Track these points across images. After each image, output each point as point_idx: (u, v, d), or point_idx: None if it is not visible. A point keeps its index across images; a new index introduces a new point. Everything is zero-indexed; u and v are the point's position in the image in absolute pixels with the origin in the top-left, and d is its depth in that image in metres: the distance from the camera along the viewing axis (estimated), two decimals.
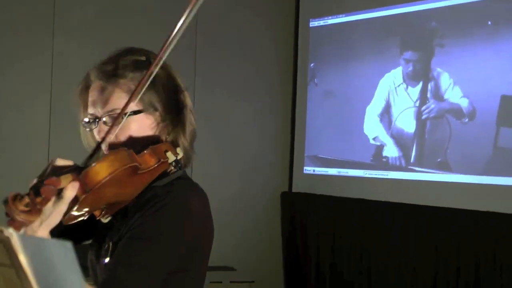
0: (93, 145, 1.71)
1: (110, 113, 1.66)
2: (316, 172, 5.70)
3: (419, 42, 5.02)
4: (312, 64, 5.80)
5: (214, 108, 5.61)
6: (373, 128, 5.29)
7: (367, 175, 5.31)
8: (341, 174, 5.50)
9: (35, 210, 1.38)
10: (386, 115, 5.20)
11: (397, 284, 5.02)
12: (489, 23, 4.60)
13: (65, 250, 1.07)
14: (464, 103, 4.70)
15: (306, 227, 5.75)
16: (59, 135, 5.04)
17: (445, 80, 4.81)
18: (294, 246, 5.86)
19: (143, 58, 1.73)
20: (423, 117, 4.92)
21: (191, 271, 1.69)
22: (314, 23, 5.78)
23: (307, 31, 5.84)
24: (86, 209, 1.56)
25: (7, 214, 1.39)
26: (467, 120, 4.69)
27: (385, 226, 5.13)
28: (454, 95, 4.75)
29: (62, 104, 4.97)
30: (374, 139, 5.27)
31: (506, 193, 4.47)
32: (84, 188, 1.48)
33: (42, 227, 1.42)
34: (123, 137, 1.68)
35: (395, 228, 5.07)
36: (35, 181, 1.47)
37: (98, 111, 1.68)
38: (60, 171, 1.53)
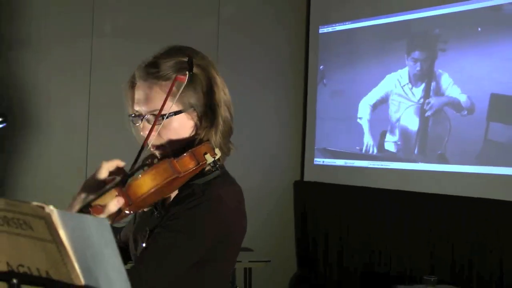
0: (140, 139, 1.66)
1: (152, 113, 1.61)
2: (325, 163, 5.70)
3: (423, 45, 5.01)
4: (321, 67, 5.79)
5: (235, 107, 5.64)
6: (377, 123, 5.29)
7: (371, 166, 5.30)
8: (348, 165, 5.49)
9: None
10: (391, 112, 5.19)
11: (397, 264, 5.03)
12: (479, 29, 4.61)
13: (102, 226, 1.06)
14: (463, 98, 4.68)
15: (316, 212, 5.76)
16: (97, 130, 5.05)
17: (445, 80, 4.80)
18: (306, 229, 5.86)
19: (185, 58, 1.65)
20: (427, 114, 4.90)
21: (217, 263, 1.64)
22: (323, 30, 5.77)
23: (317, 37, 5.82)
24: (127, 213, 1.52)
25: None
26: (466, 112, 4.66)
27: (388, 212, 5.14)
28: (453, 91, 4.74)
29: (99, 101, 5.01)
30: (378, 133, 5.28)
31: (494, 181, 4.48)
32: (128, 201, 1.46)
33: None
34: (165, 136, 1.64)
35: (396, 213, 5.08)
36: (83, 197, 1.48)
37: (142, 110, 1.64)
38: (104, 187, 1.52)
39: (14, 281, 1.09)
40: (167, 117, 1.61)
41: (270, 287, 5.69)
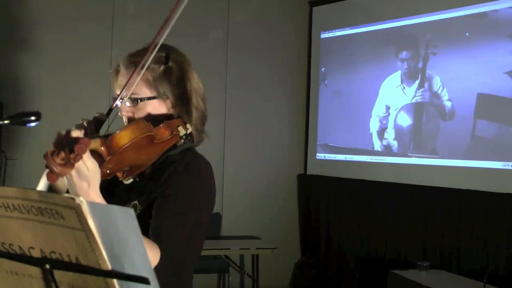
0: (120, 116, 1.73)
1: (130, 97, 1.67)
2: (326, 158, 5.70)
3: (414, 49, 5.00)
4: (323, 69, 5.80)
5: (242, 105, 5.62)
6: (375, 121, 5.29)
7: (369, 160, 5.30)
8: (347, 159, 5.50)
9: (69, 163, 1.37)
10: (387, 111, 5.19)
11: (393, 251, 5.04)
12: (467, 34, 4.61)
13: (127, 216, 1.07)
14: (448, 104, 4.69)
15: (319, 203, 5.77)
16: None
17: (436, 82, 4.80)
18: (309, 218, 5.87)
19: (163, 54, 1.70)
20: (419, 112, 4.92)
21: (203, 226, 1.68)
22: (324, 35, 5.78)
23: (318, 41, 5.84)
24: (112, 168, 1.53)
25: (46, 166, 1.38)
26: (447, 118, 4.69)
27: (384, 203, 5.15)
28: (442, 96, 4.74)
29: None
30: (376, 131, 5.28)
31: (481, 174, 4.48)
32: (110, 151, 1.48)
33: (91, 189, 1.42)
34: (140, 116, 1.69)
35: (392, 204, 5.09)
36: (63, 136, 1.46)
37: (123, 93, 1.68)
38: (91, 135, 1.52)
39: (47, 266, 1.10)
40: (141, 100, 1.68)
41: (276, 272, 5.70)
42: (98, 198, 1.45)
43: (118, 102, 1.69)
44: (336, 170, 5.61)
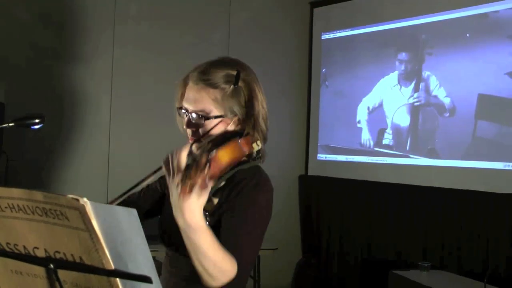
0: (181, 128, 1.76)
1: (197, 113, 1.69)
2: (327, 159, 5.71)
3: (412, 49, 5.02)
4: (323, 70, 5.80)
5: None
6: (375, 122, 5.29)
7: (369, 161, 5.31)
8: (348, 160, 5.50)
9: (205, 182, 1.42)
10: (385, 111, 5.20)
11: (393, 251, 5.04)
12: (468, 35, 4.63)
13: (131, 216, 1.09)
14: (446, 101, 4.71)
15: (319, 203, 5.78)
16: (118, 131, 5.10)
17: (433, 82, 4.81)
18: (310, 219, 5.88)
19: (234, 72, 1.73)
20: (415, 104, 4.92)
21: (261, 241, 1.71)
22: (325, 36, 5.79)
23: (319, 43, 5.84)
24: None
25: (186, 178, 1.42)
26: (448, 114, 4.70)
27: (384, 203, 5.16)
28: (439, 94, 4.76)
29: (121, 105, 5.06)
30: (376, 131, 5.28)
31: (482, 174, 4.49)
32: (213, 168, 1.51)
33: (201, 208, 1.45)
34: (204, 131, 1.70)
35: (392, 204, 5.10)
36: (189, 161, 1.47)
37: (189, 107, 1.71)
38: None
39: (51, 265, 1.12)
40: (207, 119, 1.69)
41: (277, 272, 5.71)
42: (203, 220, 1.46)
43: (183, 114, 1.73)
44: (337, 171, 5.62)
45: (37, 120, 1.50)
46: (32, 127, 1.51)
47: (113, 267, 1.06)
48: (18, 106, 4.49)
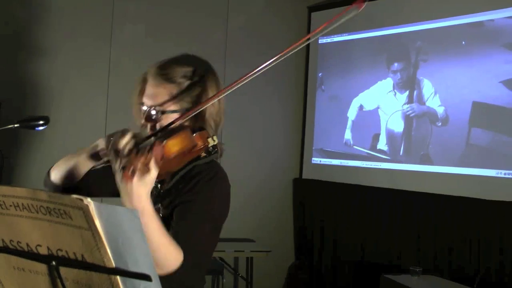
0: (137, 120, 1.80)
1: (154, 107, 1.74)
2: (322, 163, 5.72)
3: (406, 57, 5.04)
4: (320, 74, 5.82)
5: (241, 109, 5.58)
6: (369, 127, 5.31)
7: (363, 166, 5.34)
8: (343, 164, 5.52)
9: (147, 166, 1.44)
10: (379, 117, 5.24)
11: (386, 256, 5.06)
12: (463, 43, 4.67)
13: (132, 216, 1.10)
14: (440, 110, 4.74)
15: (313, 207, 5.79)
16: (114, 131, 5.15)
17: (428, 89, 4.84)
18: (303, 222, 5.89)
19: (191, 68, 1.78)
20: (408, 114, 4.95)
21: (218, 232, 1.76)
22: (322, 40, 5.81)
23: (316, 47, 5.85)
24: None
25: (123, 167, 1.45)
26: (440, 124, 4.74)
27: (378, 208, 5.18)
28: (433, 103, 4.79)
29: (117, 105, 5.06)
30: (370, 136, 5.30)
31: (475, 181, 4.52)
32: (162, 155, 1.52)
33: (148, 194, 1.47)
34: (162, 125, 1.74)
35: (385, 209, 5.12)
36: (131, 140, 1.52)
37: (147, 102, 1.76)
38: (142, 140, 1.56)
39: (53, 263, 1.15)
40: (164, 113, 1.74)
41: (270, 275, 5.73)
42: (150, 204, 1.48)
43: (143, 109, 1.77)
44: (331, 175, 5.63)
45: (41, 122, 1.53)
46: (36, 128, 1.54)
47: (114, 265, 1.09)
48: (14, 105, 4.50)
